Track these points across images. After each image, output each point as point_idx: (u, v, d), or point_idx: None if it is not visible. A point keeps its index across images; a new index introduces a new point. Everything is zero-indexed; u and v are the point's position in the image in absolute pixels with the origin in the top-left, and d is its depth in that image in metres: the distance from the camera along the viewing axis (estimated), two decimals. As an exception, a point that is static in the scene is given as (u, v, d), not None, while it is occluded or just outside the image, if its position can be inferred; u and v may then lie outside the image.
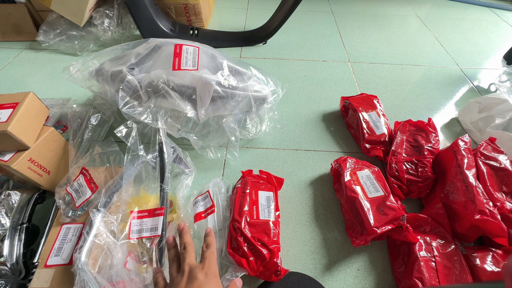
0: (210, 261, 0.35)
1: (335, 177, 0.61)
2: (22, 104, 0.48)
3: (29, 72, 0.91)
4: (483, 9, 1.40)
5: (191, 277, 0.32)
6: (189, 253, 0.36)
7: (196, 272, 0.33)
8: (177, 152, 0.56)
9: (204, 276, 0.32)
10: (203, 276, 0.32)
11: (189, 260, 0.35)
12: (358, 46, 1.09)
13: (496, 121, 0.67)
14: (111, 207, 0.47)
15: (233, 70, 0.62)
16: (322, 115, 0.79)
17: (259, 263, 0.45)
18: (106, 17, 0.98)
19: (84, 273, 0.38)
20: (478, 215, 0.45)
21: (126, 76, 0.56)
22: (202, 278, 0.32)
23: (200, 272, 0.33)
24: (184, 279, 0.32)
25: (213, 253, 0.36)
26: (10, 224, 0.46)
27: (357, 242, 0.49)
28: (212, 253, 0.36)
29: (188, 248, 0.36)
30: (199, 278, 0.32)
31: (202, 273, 0.33)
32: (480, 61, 1.04)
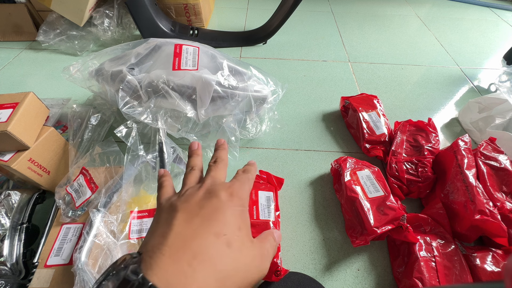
0: (242, 183, 0.25)
1: (335, 177, 0.61)
2: (22, 104, 0.48)
3: (29, 72, 0.91)
4: (483, 9, 1.40)
5: (210, 192, 0.23)
6: (219, 167, 0.27)
7: (219, 189, 0.23)
8: (177, 152, 0.56)
9: (227, 196, 0.22)
10: (226, 196, 0.22)
11: (215, 173, 0.26)
12: (358, 46, 1.09)
13: (496, 121, 0.67)
14: (111, 207, 0.47)
15: (233, 70, 0.62)
16: (322, 115, 0.79)
17: None
18: (106, 17, 0.98)
19: (84, 273, 0.38)
20: (478, 215, 0.45)
21: (126, 76, 0.56)
22: (224, 199, 0.22)
23: (225, 190, 0.23)
24: (201, 192, 0.23)
25: (248, 179, 0.26)
26: (10, 224, 0.46)
27: (357, 242, 0.49)
28: (248, 178, 0.26)
29: (219, 162, 0.27)
30: (220, 197, 0.22)
31: (226, 192, 0.23)
32: (480, 61, 1.04)
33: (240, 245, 0.20)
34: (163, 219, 0.21)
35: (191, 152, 0.30)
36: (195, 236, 0.19)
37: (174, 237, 0.19)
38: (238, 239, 0.20)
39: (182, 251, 0.18)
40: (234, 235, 0.20)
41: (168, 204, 0.22)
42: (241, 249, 0.20)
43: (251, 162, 0.29)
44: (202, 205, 0.21)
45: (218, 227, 0.20)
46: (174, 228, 0.19)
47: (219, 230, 0.20)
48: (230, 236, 0.20)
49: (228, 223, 0.21)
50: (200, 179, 0.27)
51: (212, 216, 0.20)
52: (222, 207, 0.21)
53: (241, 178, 0.26)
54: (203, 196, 0.22)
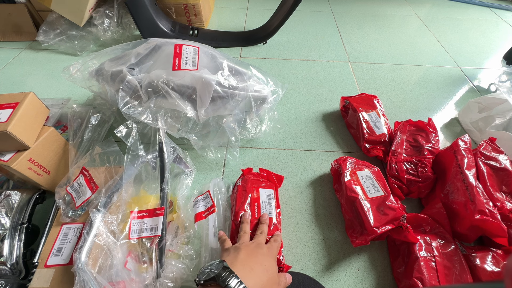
0: (273, 247, 0.42)
1: (335, 177, 0.61)
2: (22, 104, 0.48)
3: (29, 72, 0.91)
4: (483, 9, 1.40)
5: (258, 245, 0.40)
6: (262, 237, 0.44)
7: (263, 246, 0.41)
8: (177, 152, 0.56)
9: (268, 251, 0.40)
10: (267, 250, 0.40)
11: (261, 239, 0.43)
12: (358, 46, 1.09)
13: (496, 121, 0.67)
14: (111, 207, 0.47)
15: (233, 70, 0.62)
16: (322, 115, 0.79)
17: None
18: (106, 17, 0.98)
19: (84, 273, 0.38)
20: (478, 215, 0.45)
21: (126, 76, 0.56)
22: (266, 252, 0.40)
23: (266, 248, 0.41)
24: (254, 244, 0.41)
25: (278, 247, 0.44)
26: (10, 224, 0.46)
27: (357, 242, 0.49)
28: (277, 246, 0.44)
29: (263, 234, 0.45)
30: (263, 249, 0.40)
31: (267, 249, 0.41)
32: (480, 61, 1.04)
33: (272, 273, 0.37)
34: (232, 251, 0.39)
35: (243, 219, 0.48)
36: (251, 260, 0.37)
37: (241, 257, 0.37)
38: (271, 269, 0.38)
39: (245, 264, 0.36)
40: (270, 267, 0.38)
41: (234, 247, 0.40)
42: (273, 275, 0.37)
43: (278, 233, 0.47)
44: (254, 250, 0.39)
45: (262, 261, 0.38)
46: (240, 254, 0.37)
47: (262, 262, 0.38)
48: (268, 267, 0.37)
49: (267, 261, 0.38)
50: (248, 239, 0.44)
51: (259, 256, 0.38)
52: (265, 254, 0.39)
53: (273, 244, 0.43)
54: (254, 246, 0.40)
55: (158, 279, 0.43)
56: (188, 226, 0.50)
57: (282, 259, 0.45)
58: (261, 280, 0.35)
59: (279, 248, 0.44)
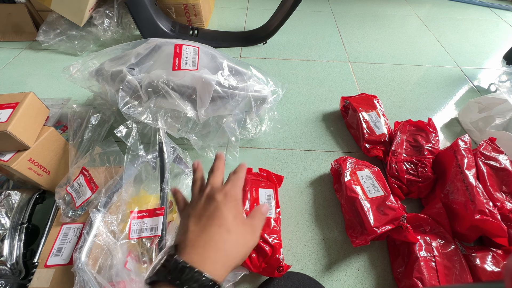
0: (233, 184, 0.32)
1: (335, 177, 0.61)
2: (22, 104, 0.48)
3: (29, 72, 0.91)
4: (483, 9, 1.40)
5: (209, 197, 0.31)
6: (215, 174, 0.34)
7: (215, 193, 0.31)
8: (177, 152, 0.56)
9: (223, 197, 0.30)
10: (222, 197, 0.30)
11: (212, 181, 0.33)
12: (358, 46, 1.09)
13: (496, 121, 0.67)
14: (111, 207, 0.47)
15: (233, 70, 0.62)
16: (322, 115, 0.79)
17: (261, 259, 0.45)
18: (106, 17, 0.98)
19: (84, 273, 0.38)
20: (478, 215, 0.45)
21: (126, 76, 0.56)
22: (220, 199, 0.30)
23: (219, 193, 0.31)
24: (203, 199, 0.31)
25: (238, 178, 0.33)
26: (10, 224, 0.46)
27: (357, 242, 0.49)
28: (238, 178, 0.33)
29: (216, 171, 0.34)
30: (217, 199, 0.30)
31: (221, 194, 0.31)
32: (480, 61, 1.04)
33: (236, 229, 0.28)
34: (182, 224, 0.30)
35: (193, 169, 0.38)
36: (204, 230, 0.27)
37: (190, 233, 0.27)
38: (234, 225, 0.28)
39: (197, 241, 0.27)
40: (231, 224, 0.28)
41: (183, 214, 0.32)
42: (237, 231, 0.28)
43: (241, 164, 0.36)
44: (205, 208, 0.30)
45: (219, 221, 0.28)
46: (190, 228, 0.28)
47: (219, 222, 0.28)
48: (229, 225, 0.28)
49: (225, 217, 0.28)
50: (201, 187, 0.34)
51: (213, 214, 0.29)
52: (219, 206, 0.29)
53: (232, 178, 0.33)
54: (205, 201, 0.31)
55: (158, 279, 0.42)
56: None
57: (281, 259, 0.45)
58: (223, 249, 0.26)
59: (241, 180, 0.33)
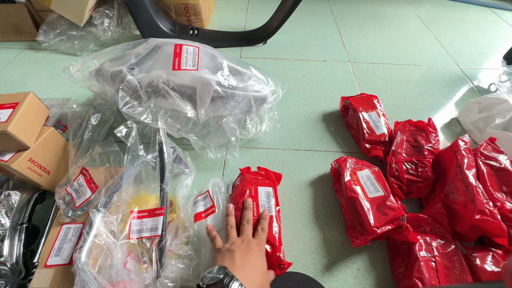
0: (262, 242, 0.44)
1: (335, 177, 0.61)
2: (22, 104, 0.48)
3: (29, 72, 0.91)
4: (483, 9, 1.40)
5: (248, 245, 0.42)
6: (249, 227, 0.46)
7: (253, 244, 0.42)
8: (177, 152, 0.56)
9: (257, 247, 0.42)
10: (257, 249, 0.42)
11: (248, 232, 0.45)
12: (358, 46, 1.09)
13: (496, 121, 0.67)
14: (111, 207, 0.47)
15: (233, 70, 0.62)
16: (322, 115, 0.79)
17: None
18: (106, 17, 0.98)
19: (84, 273, 0.38)
20: (478, 215, 0.45)
21: (126, 76, 0.56)
22: (256, 250, 0.42)
23: (256, 245, 0.42)
24: (244, 244, 0.42)
25: (265, 237, 0.45)
26: (10, 224, 0.46)
27: (357, 242, 0.49)
28: (265, 236, 0.45)
29: (249, 223, 0.46)
30: (254, 249, 0.42)
31: (257, 247, 0.42)
32: (480, 61, 1.04)
33: (263, 272, 0.41)
34: (227, 255, 0.40)
35: (228, 212, 0.49)
36: (246, 264, 0.39)
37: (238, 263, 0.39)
38: (263, 269, 0.41)
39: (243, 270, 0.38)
40: (261, 265, 0.41)
41: (226, 248, 0.42)
42: (263, 273, 0.41)
43: (264, 215, 0.49)
44: (246, 251, 0.41)
45: (255, 262, 0.41)
46: (236, 260, 0.39)
47: (255, 264, 0.40)
48: (260, 266, 0.41)
49: (259, 261, 0.41)
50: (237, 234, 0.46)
51: (252, 258, 0.41)
52: (255, 253, 0.42)
53: (262, 237, 0.45)
54: (245, 246, 0.42)
55: (158, 279, 0.43)
56: (188, 226, 0.50)
57: (282, 257, 0.46)
58: (257, 281, 0.38)
59: (266, 237, 0.45)
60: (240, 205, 0.50)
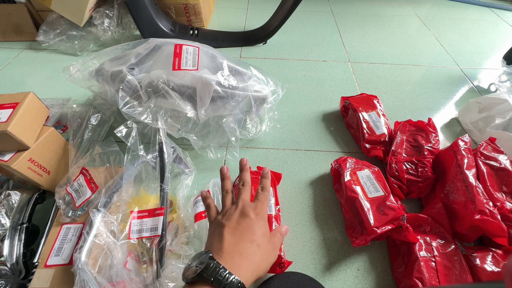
0: (262, 204, 0.37)
1: (335, 177, 0.61)
2: (22, 104, 0.48)
3: (29, 72, 0.91)
4: (483, 9, 1.40)
5: (243, 213, 0.35)
6: (246, 190, 0.38)
7: (249, 210, 0.35)
8: (177, 152, 0.56)
9: (255, 215, 0.35)
10: (254, 215, 0.35)
11: (244, 196, 0.37)
12: (358, 46, 1.09)
13: (496, 121, 0.67)
14: (111, 207, 0.47)
15: (233, 70, 0.62)
16: (322, 115, 0.79)
17: None
18: (106, 17, 0.98)
19: (84, 273, 0.38)
20: (478, 215, 0.45)
21: (126, 76, 0.56)
22: (253, 217, 0.34)
23: (252, 211, 0.35)
24: (237, 212, 0.35)
25: (266, 197, 0.38)
26: (10, 224, 0.46)
27: (357, 242, 0.49)
28: (266, 197, 0.38)
29: (246, 185, 0.39)
30: (250, 216, 0.34)
31: (254, 212, 0.35)
32: (480, 61, 1.04)
33: (264, 245, 0.33)
34: (216, 232, 0.34)
35: (223, 176, 0.41)
36: (238, 241, 0.32)
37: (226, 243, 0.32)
38: (263, 242, 0.33)
39: (233, 251, 0.31)
40: (260, 240, 0.33)
41: (216, 222, 0.35)
42: (264, 247, 0.33)
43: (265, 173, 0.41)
44: (239, 222, 0.34)
45: (251, 236, 0.33)
46: (225, 237, 0.32)
47: (251, 238, 0.33)
48: (259, 241, 0.33)
49: (256, 233, 0.33)
50: (233, 200, 0.38)
51: (246, 229, 0.33)
52: (252, 223, 0.34)
53: (261, 198, 0.37)
54: (239, 215, 0.35)
55: (158, 279, 0.43)
56: (188, 226, 0.50)
57: (283, 255, 0.46)
58: (252, 261, 0.31)
59: (268, 198, 0.39)
60: None
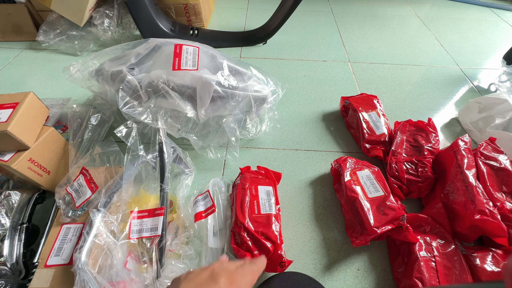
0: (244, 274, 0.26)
1: (335, 177, 0.61)
2: (22, 104, 0.48)
3: (29, 72, 0.91)
4: (483, 9, 1.40)
5: (213, 276, 0.25)
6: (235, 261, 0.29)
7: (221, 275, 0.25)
8: (177, 152, 0.56)
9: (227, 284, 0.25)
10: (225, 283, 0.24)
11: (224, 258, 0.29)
12: (358, 46, 1.09)
13: (496, 121, 0.67)
14: (111, 207, 0.47)
15: (233, 70, 0.62)
16: (322, 115, 0.79)
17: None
18: (106, 17, 0.98)
19: (84, 273, 0.38)
20: (478, 215, 0.45)
21: (126, 76, 0.56)
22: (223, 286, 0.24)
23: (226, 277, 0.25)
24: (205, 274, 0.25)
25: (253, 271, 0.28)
26: (10, 224, 0.46)
27: (357, 242, 0.49)
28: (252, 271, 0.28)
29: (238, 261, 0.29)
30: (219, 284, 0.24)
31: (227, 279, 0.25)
32: (480, 61, 1.04)
33: None
34: None
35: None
36: None
37: None
38: None
39: None
40: None
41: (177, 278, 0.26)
42: None
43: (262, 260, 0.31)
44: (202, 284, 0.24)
45: None
46: None
47: None
48: None
49: None
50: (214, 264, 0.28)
51: None
52: None
53: (245, 268, 0.27)
54: (206, 278, 0.25)
55: (158, 279, 0.43)
56: (188, 226, 0.50)
57: (283, 254, 0.46)
58: None
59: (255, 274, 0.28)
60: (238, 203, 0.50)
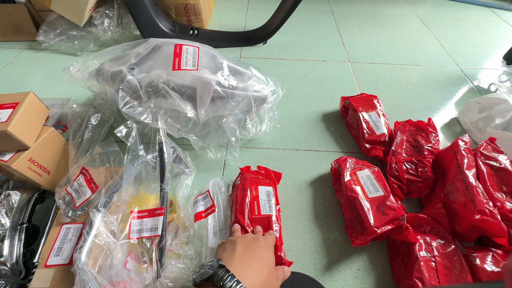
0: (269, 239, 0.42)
1: (335, 177, 0.61)
2: (22, 104, 0.48)
3: (29, 72, 0.91)
4: (483, 9, 1.40)
5: (255, 237, 0.40)
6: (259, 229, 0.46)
7: (260, 236, 0.41)
8: (177, 152, 0.56)
9: (264, 241, 0.40)
10: (264, 240, 0.40)
11: (256, 229, 0.46)
12: (358, 46, 1.09)
13: (496, 121, 0.67)
14: (111, 207, 0.47)
15: (233, 70, 0.62)
16: (322, 115, 0.79)
17: None
18: (106, 17, 0.98)
19: (84, 273, 0.38)
20: (478, 215, 0.45)
21: (126, 76, 0.56)
22: (263, 243, 0.39)
23: (263, 238, 0.41)
24: (250, 235, 0.41)
25: (273, 238, 0.43)
26: (10, 224, 0.46)
27: (357, 242, 0.49)
28: (273, 238, 0.43)
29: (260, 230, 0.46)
30: (260, 241, 0.39)
31: (264, 239, 0.40)
32: (480, 61, 1.04)
33: (271, 267, 0.37)
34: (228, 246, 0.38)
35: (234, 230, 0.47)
36: (248, 256, 0.36)
37: (238, 254, 0.35)
38: (270, 264, 0.37)
39: (243, 261, 0.35)
40: (267, 261, 0.37)
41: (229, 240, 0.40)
42: (271, 269, 0.37)
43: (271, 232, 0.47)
44: (251, 241, 0.39)
45: (260, 255, 0.37)
46: (238, 250, 0.36)
47: (260, 256, 0.37)
48: (266, 261, 0.37)
49: (265, 254, 0.37)
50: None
51: (256, 249, 0.37)
52: (262, 246, 0.39)
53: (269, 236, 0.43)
54: (252, 237, 0.40)
55: (158, 279, 0.43)
56: (188, 226, 0.50)
57: (283, 255, 0.46)
58: (260, 275, 0.33)
59: (274, 241, 0.43)
60: (238, 203, 0.50)
